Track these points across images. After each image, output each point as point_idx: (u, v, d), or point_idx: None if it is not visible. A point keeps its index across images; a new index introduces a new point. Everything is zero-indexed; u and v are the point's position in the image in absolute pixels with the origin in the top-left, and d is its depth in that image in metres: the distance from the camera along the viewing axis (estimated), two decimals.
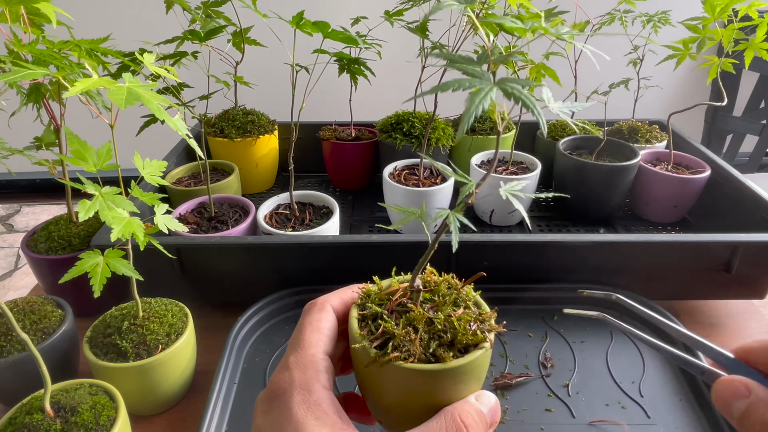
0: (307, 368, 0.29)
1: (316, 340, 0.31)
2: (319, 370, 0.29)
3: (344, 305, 0.34)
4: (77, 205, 0.45)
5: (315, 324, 0.32)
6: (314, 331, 0.31)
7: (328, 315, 0.33)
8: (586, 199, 0.92)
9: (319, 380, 0.29)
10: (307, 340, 0.31)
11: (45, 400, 0.44)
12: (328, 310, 0.33)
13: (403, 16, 0.82)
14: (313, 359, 0.30)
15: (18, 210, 2.54)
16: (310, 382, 0.28)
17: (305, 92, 0.70)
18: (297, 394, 0.28)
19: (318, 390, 0.28)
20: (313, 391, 0.28)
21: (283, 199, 0.80)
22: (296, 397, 0.27)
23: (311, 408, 0.27)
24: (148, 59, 0.49)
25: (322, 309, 0.33)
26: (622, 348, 0.64)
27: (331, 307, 0.33)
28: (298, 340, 0.31)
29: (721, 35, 0.77)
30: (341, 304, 0.34)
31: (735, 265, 0.66)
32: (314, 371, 0.29)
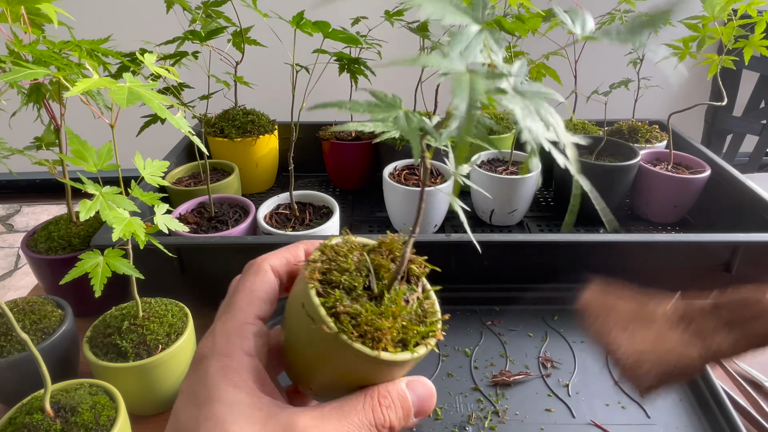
0: (231, 335, 0.28)
1: (247, 304, 0.29)
2: (245, 336, 0.28)
3: (288, 265, 0.32)
4: (77, 205, 0.45)
5: (249, 286, 0.30)
6: (246, 295, 0.30)
7: (266, 276, 0.31)
8: (586, 199, 0.91)
9: (242, 347, 0.27)
10: (237, 304, 0.29)
11: (45, 400, 0.44)
12: (266, 271, 0.31)
13: (403, 16, 0.82)
14: (239, 325, 0.28)
15: (18, 210, 2.54)
16: (231, 348, 0.27)
17: (305, 92, 0.70)
18: (216, 360, 0.27)
19: (239, 356, 0.27)
20: (233, 357, 0.27)
21: (283, 199, 0.80)
22: (214, 363, 0.27)
23: (228, 374, 0.26)
24: (148, 59, 0.49)
25: (258, 270, 0.31)
26: None
27: (269, 268, 0.31)
28: (228, 304, 0.30)
29: (720, 33, 0.77)
30: (284, 264, 0.32)
31: (735, 265, 0.66)
32: (238, 338, 0.28)
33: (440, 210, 0.85)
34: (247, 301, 0.29)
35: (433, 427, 0.54)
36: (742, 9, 0.75)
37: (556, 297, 0.70)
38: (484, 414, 0.55)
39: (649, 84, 0.96)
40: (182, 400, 0.26)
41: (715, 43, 0.82)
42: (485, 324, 0.68)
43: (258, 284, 0.30)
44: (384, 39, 0.88)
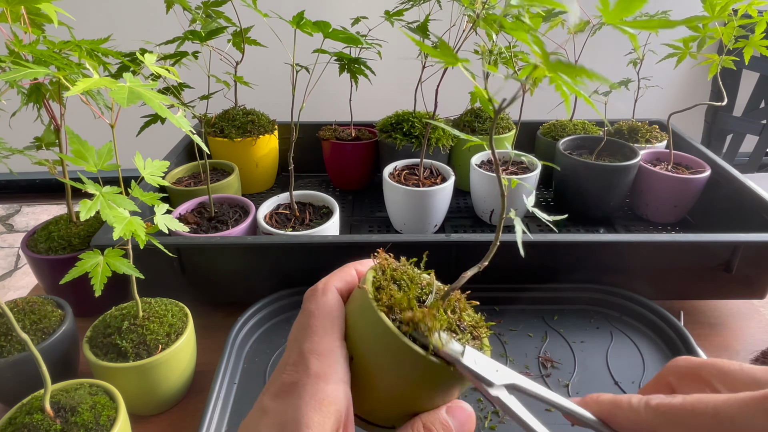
0: (323, 357, 0.27)
1: (330, 325, 0.28)
2: (337, 360, 0.27)
3: (348, 287, 0.31)
4: (77, 205, 0.45)
5: (324, 308, 0.29)
6: (325, 317, 0.29)
7: (333, 297, 0.30)
8: (586, 199, 0.92)
9: (336, 372, 0.27)
10: (319, 326, 0.28)
11: (45, 400, 0.44)
12: (334, 293, 0.30)
13: (403, 16, 0.82)
14: (330, 347, 0.27)
15: (18, 210, 2.54)
16: (328, 373, 0.26)
17: (305, 92, 0.70)
18: (311, 386, 0.26)
19: (335, 383, 0.26)
20: (330, 383, 0.26)
21: (283, 199, 0.80)
22: (310, 389, 0.26)
23: (321, 405, 0.25)
24: (148, 59, 0.49)
25: (326, 292, 0.30)
26: (622, 348, 0.64)
27: (335, 289, 0.31)
28: (308, 326, 0.28)
29: (720, 33, 0.78)
30: (344, 285, 0.31)
31: (735, 265, 0.66)
32: (332, 361, 0.27)
33: (440, 210, 0.85)
34: (329, 323, 0.28)
35: None
36: (743, 9, 0.75)
37: (556, 297, 0.70)
38: (484, 414, 0.55)
39: (649, 84, 0.96)
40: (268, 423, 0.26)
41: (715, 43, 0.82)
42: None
43: (331, 305, 0.29)
44: (384, 39, 0.88)
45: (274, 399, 0.26)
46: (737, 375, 0.25)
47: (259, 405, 0.27)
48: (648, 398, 0.25)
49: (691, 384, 0.26)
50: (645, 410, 0.25)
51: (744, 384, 0.24)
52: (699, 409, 0.23)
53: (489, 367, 0.28)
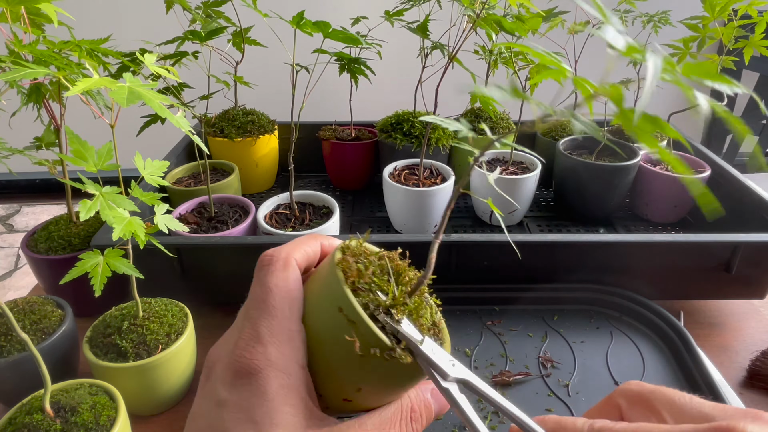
0: (283, 344, 0.25)
1: (288, 306, 0.27)
2: (297, 346, 0.26)
3: (308, 261, 0.30)
4: (77, 205, 0.45)
5: (283, 285, 0.27)
6: (285, 296, 0.27)
7: (295, 274, 0.28)
8: (586, 199, 0.92)
9: (296, 359, 0.26)
10: (278, 306, 0.26)
11: (45, 400, 0.44)
12: (294, 268, 0.28)
13: (403, 16, 0.82)
14: (290, 333, 0.26)
15: (18, 210, 2.54)
16: (288, 361, 0.25)
17: (305, 92, 0.70)
18: (274, 376, 0.24)
19: (295, 371, 0.25)
20: (291, 373, 0.25)
21: (283, 199, 0.80)
22: (273, 379, 0.24)
23: (288, 394, 0.24)
24: (149, 59, 0.49)
25: (287, 266, 0.28)
26: (622, 348, 0.64)
27: (296, 264, 0.28)
28: (265, 305, 0.26)
29: (720, 33, 0.78)
30: (305, 259, 0.29)
31: (735, 265, 0.66)
32: (292, 348, 0.26)
33: (440, 210, 0.85)
34: (287, 303, 0.27)
35: (433, 427, 0.54)
36: (742, 9, 0.75)
37: (556, 297, 0.70)
38: (484, 414, 0.55)
39: None
40: (235, 417, 0.24)
41: (716, 43, 0.82)
42: (485, 324, 0.68)
43: (292, 283, 0.28)
44: (384, 39, 0.88)
45: (231, 389, 0.25)
46: (685, 407, 0.25)
47: (211, 394, 0.25)
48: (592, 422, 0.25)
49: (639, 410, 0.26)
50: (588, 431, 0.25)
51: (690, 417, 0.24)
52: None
53: (445, 359, 0.28)
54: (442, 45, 0.79)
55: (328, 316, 0.27)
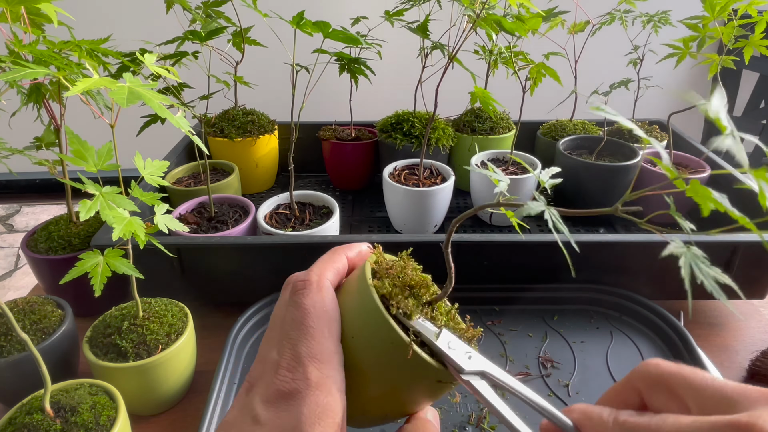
0: (323, 365, 0.26)
1: (327, 327, 0.27)
2: (336, 368, 0.27)
3: (339, 278, 0.30)
4: (77, 205, 0.45)
5: (320, 306, 0.28)
6: (322, 317, 0.27)
7: (330, 294, 0.29)
8: (586, 199, 0.92)
9: (336, 381, 0.26)
10: (317, 327, 0.27)
11: (45, 400, 0.44)
12: (329, 289, 0.29)
13: (403, 16, 0.82)
14: (329, 354, 0.26)
15: (18, 210, 2.54)
16: (327, 383, 0.26)
17: (305, 92, 0.70)
18: (312, 398, 0.25)
19: (334, 394, 0.26)
20: (329, 395, 0.25)
21: (283, 199, 0.80)
22: (310, 401, 0.25)
23: (321, 418, 0.25)
24: (148, 59, 0.49)
25: (321, 287, 0.29)
26: (622, 348, 0.64)
27: (330, 285, 0.29)
28: (305, 327, 0.27)
29: (720, 33, 0.78)
30: (336, 277, 0.30)
31: (735, 265, 0.66)
32: (331, 369, 0.26)
33: (440, 210, 0.85)
34: (326, 324, 0.27)
35: None
36: (742, 9, 0.75)
37: (556, 297, 0.70)
38: (484, 414, 0.55)
39: (649, 84, 0.96)
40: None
41: (715, 43, 0.82)
42: (485, 324, 0.68)
43: (329, 304, 0.28)
44: (384, 39, 0.88)
45: (269, 407, 0.25)
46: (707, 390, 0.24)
47: (249, 410, 0.26)
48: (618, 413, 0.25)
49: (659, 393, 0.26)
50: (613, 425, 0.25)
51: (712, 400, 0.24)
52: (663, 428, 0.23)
53: (461, 351, 0.28)
54: (442, 45, 0.79)
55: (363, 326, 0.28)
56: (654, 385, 0.26)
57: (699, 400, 0.24)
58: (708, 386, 0.24)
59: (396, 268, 0.31)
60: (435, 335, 0.27)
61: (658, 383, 0.26)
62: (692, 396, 0.24)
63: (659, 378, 0.26)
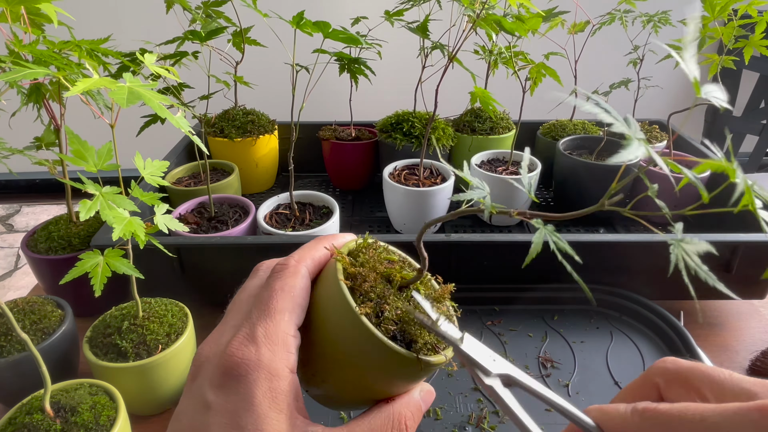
0: (276, 347, 0.25)
1: (289, 312, 0.27)
2: (290, 351, 0.26)
3: (317, 266, 0.30)
4: (77, 205, 0.45)
5: (288, 290, 0.27)
6: (288, 300, 0.27)
7: (303, 281, 0.28)
8: (586, 199, 0.92)
9: (288, 363, 0.25)
10: (279, 309, 0.27)
11: (45, 400, 0.44)
12: (303, 275, 0.29)
13: (403, 16, 0.82)
14: (284, 337, 0.26)
15: (18, 210, 2.54)
16: (279, 366, 0.25)
17: (305, 92, 0.70)
18: (263, 379, 0.24)
19: (286, 376, 0.25)
20: (281, 377, 0.25)
21: (283, 199, 0.80)
22: (262, 383, 0.24)
23: (276, 399, 0.24)
24: (148, 59, 0.49)
25: (296, 273, 0.28)
26: (622, 348, 0.64)
27: (306, 272, 0.29)
28: (267, 308, 0.27)
29: (720, 33, 0.78)
30: (314, 264, 0.30)
31: (735, 265, 0.66)
32: (285, 352, 0.25)
33: (440, 210, 0.85)
34: (289, 308, 0.27)
35: (433, 427, 0.54)
36: (742, 9, 0.75)
37: (556, 297, 0.70)
38: (484, 414, 0.55)
39: (649, 84, 0.96)
40: (220, 422, 0.24)
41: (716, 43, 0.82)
42: (485, 324, 0.68)
43: (298, 289, 0.28)
44: (384, 39, 0.88)
45: (218, 391, 0.25)
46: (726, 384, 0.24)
47: (198, 395, 0.25)
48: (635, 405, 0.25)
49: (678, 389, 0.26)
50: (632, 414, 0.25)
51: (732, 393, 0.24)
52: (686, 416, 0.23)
53: (486, 355, 0.28)
54: (442, 45, 0.79)
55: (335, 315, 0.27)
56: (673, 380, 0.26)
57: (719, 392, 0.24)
58: (726, 379, 0.24)
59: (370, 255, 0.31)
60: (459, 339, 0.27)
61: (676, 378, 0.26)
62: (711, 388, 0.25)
63: (677, 373, 0.26)
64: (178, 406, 0.26)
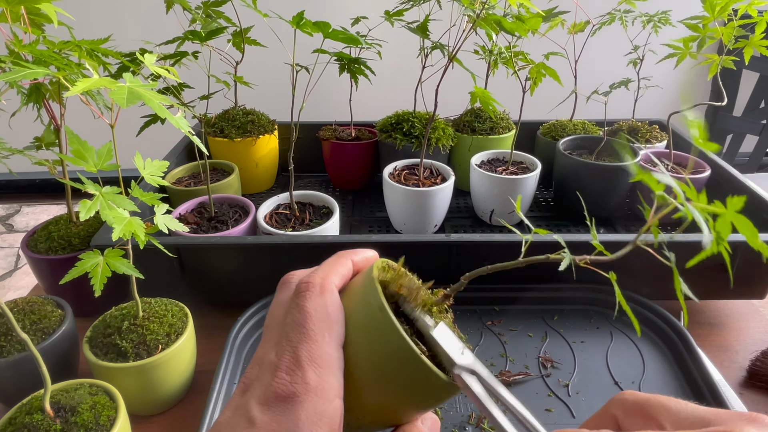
0: (323, 369, 0.26)
1: (328, 331, 0.27)
2: (335, 373, 0.26)
3: (344, 282, 0.30)
4: (77, 205, 0.45)
5: (322, 310, 0.27)
6: (324, 320, 0.27)
7: (334, 298, 0.28)
8: (586, 199, 0.92)
9: (334, 387, 0.26)
10: (318, 330, 0.26)
11: (45, 400, 0.44)
12: (333, 292, 0.28)
13: (403, 16, 0.82)
14: (329, 358, 0.26)
15: (18, 210, 2.54)
16: (326, 388, 0.25)
17: (305, 92, 0.70)
18: (310, 403, 0.25)
19: (332, 400, 0.25)
20: (326, 400, 0.25)
21: (283, 199, 0.80)
22: (308, 406, 0.24)
23: (319, 423, 0.24)
24: (148, 59, 0.49)
25: (325, 291, 0.28)
26: (622, 348, 0.64)
27: (334, 288, 0.29)
28: (305, 330, 0.27)
29: (721, 33, 0.78)
30: (341, 281, 0.30)
31: (735, 265, 0.66)
32: (330, 375, 0.26)
33: (440, 210, 0.85)
34: (327, 328, 0.27)
35: None
36: (742, 9, 0.75)
37: (556, 297, 0.70)
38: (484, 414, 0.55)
39: (649, 84, 0.96)
40: None
41: (715, 43, 0.82)
42: (485, 324, 0.68)
43: (331, 308, 0.28)
44: (384, 39, 0.88)
45: (265, 410, 0.25)
46: (682, 413, 0.25)
47: (243, 411, 0.25)
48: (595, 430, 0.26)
49: (636, 419, 0.26)
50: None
51: (688, 422, 0.24)
52: None
53: (456, 347, 0.28)
54: (442, 45, 0.79)
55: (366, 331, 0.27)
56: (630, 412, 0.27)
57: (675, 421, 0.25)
58: (683, 409, 0.25)
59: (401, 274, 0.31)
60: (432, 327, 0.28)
61: (634, 409, 0.27)
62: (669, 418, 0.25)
63: (635, 404, 0.27)
64: (219, 417, 0.27)
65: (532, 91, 0.89)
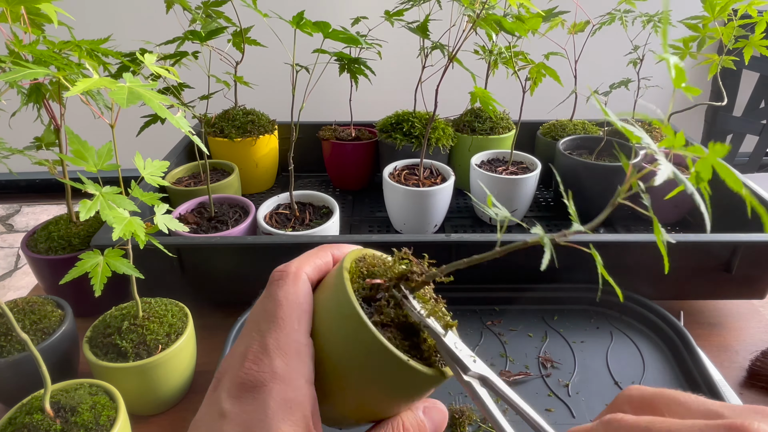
0: (290, 357, 0.25)
1: (297, 319, 0.27)
2: (304, 360, 0.26)
3: (319, 273, 0.30)
4: (77, 205, 0.45)
5: (293, 299, 0.27)
6: (294, 308, 0.27)
7: (305, 287, 0.28)
8: (586, 199, 0.92)
9: (303, 374, 0.25)
10: (287, 319, 0.26)
11: (45, 400, 0.44)
12: (305, 281, 0.28)
13: (403, 16, 0.82)
14: (297, 346, 0.26)
15: (18, 210, 2.54)
16: (294, 376, 0.25)
17: (305, 92, 0.70)
18: (278, 390, 0.24)
19: (301, 387, 0.25)
20: (296, 387, 0.25)
21: (283, 199, 0.80)
22: (276, 394, 0.24)
23: (290, 411, 0.24)
24: (148, 59, 0.49)
25: (297, 279, 0.28)
26: (622, 348, 0.64)
27: (306, 277, 0.29)
28: (275, 318, 0.26)
29: (720, 33, 0.78)
30: (316, 271, 0.29)
31: (735, 265, 0.66)
32: (299, 362, 0.25)
33: (440, 210, 0.85)
34: (296, 316, 0.27)
35: None
36: (742, 9, 0.75)
37: (556, 297, 0.70)
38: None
39: (649, 84, 0.96)
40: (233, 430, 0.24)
41: (715, 43, 0.82)
42: (485, 324, 0.68)
43: (302, 296, 0.27)
44: (384, 39, 0.88)
45: (234, 401, 0.25)
46: (692, 406, 0.24)
47: (215, 405, 0.25)
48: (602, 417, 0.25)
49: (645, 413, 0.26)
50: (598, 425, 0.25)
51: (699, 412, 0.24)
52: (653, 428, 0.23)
53: (467, 354, 0.28)
54: (442, 45, 0.79)
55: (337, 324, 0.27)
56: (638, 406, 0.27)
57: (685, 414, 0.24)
58: (693, 402, 0.25)
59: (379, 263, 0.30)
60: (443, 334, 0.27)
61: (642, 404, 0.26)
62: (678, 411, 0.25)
63: (642, 399, 0.26)
64: (196, 415, 0.27)
65: (532, 91, 0.89)
